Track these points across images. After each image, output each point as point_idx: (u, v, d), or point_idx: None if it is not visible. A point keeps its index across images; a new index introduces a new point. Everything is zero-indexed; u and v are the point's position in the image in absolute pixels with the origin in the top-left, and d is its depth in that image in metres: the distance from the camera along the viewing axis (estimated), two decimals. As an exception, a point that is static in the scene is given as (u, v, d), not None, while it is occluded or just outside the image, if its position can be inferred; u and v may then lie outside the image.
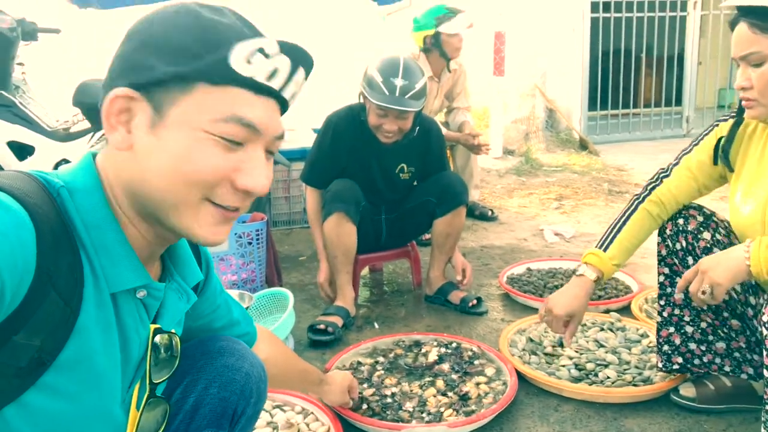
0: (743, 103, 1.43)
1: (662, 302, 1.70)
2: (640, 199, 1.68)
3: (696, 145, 1.64)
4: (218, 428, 0.97)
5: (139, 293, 0.78)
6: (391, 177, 2.49)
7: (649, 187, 1.68)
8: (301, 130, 3.82)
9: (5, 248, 0.59)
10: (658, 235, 1.68)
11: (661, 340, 1.72)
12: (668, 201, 1.64)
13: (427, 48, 3.49)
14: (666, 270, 1.68)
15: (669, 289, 1.68)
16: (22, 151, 3.24)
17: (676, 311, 1.68)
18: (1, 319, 0.61)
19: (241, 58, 0.70)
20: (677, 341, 1.69)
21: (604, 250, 1.66)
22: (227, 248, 2.54)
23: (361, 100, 2.37)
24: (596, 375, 1.85)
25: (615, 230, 1.68)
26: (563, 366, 1.91)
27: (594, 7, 6.37)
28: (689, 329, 1.67)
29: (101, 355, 0.73)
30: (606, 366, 1.89)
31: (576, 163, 5.55)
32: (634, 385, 1.78)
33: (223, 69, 0.70)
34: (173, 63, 0.70)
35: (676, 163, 1.66)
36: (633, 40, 6.48)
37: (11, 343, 0.63)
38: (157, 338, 0.81)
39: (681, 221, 1.61)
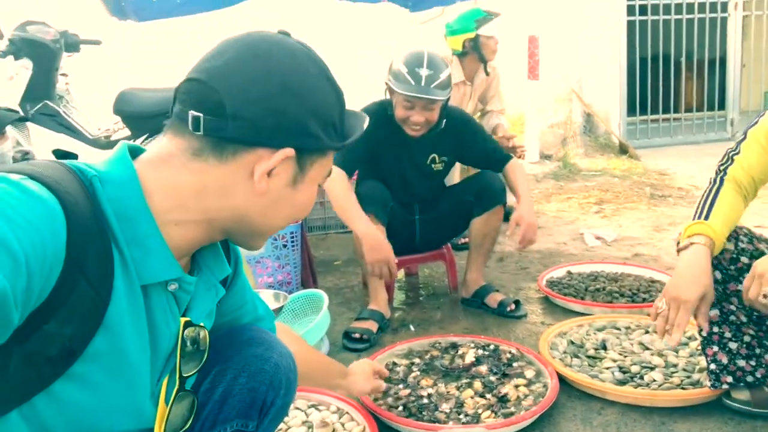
0: None
1: None
2: (718, 181, 1.54)
3: (762, 116, 1.54)
4: (247, 419, 0.96)
5: (170, 286, 0.78)
6: (422, 169, 2.46)
7: (722, 168, 1.55)
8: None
9: (35, 238, 0.58)
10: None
11: (708, 359, 1.62)
12: (744, 179, 1.52)
13: (465, 51, 3.46)
14: None
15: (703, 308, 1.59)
16: (65, 159, 3.33)
17: (715, 329, 1.58)
18: (32, 308, 0.60)
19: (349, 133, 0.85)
20: (724, 360, 1.58)
21: (706, 220, 1.47)
22: (263, 251, 2.54)
23: (388, 96, 2.36)
24: (642, 378, 1.77)
25: (708, 204, 1.50)
26: (607, 368, 1.83)
27: (630, 11, 6.25)
28: (733, 345, 1.57)
29: (131, 347, 0.73)
30: (652, 369, 1.80)
31: (616, 167, 5.43)
32: (683, 389, 1.70)
33: (344, 142, 0.84)
34: (329, 136, 0.81)
35: (743, 139, 1.55)
36: (672, 43, 6.33)
37: (42, 332, 0.63)
38: (187, 331, 0.80)
39: None
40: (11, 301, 0.55)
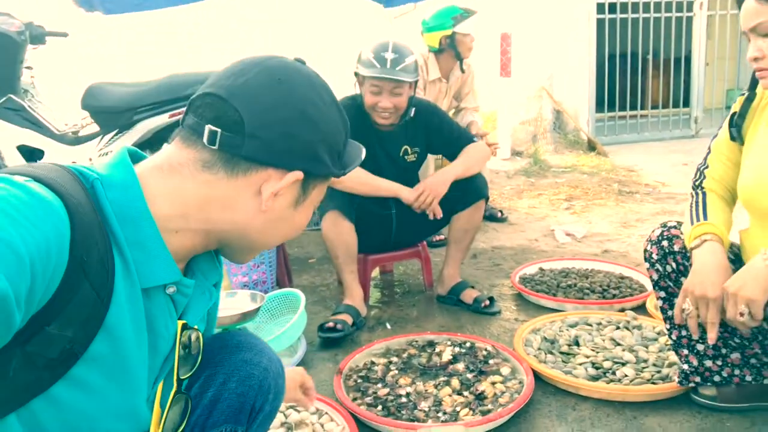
0: (757, 74, 1.41)
1: (668, 326, 1.67)
2: (700, 194, 1.57)
3: (720, 128, 1.61)
4: (236, 423, 0.97)
5: (168, 289, 0.79)
6: (395, 161, 2.49)
7: (697, 184, 1.61)
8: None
9: (39, 240, 0.58)
10: (646, 260, 1.65)
11: (680, 360, 1.67)
12: (720, 189, 1.57)
13: (441, 48, 3.48)
14: (662, 294, 1.65)
15: (670, 312, 1.63)
16: (31, 154, 3.24)
17: (683, 332, 1.63)
18: (35, 309, 0.60)
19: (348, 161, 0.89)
20: (695, 362, 1.64)
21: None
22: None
23: (357, 88, 2.39)
24: (614, 373, 1.82)
25: (702, 211, 1.51)
26: (580, 365, 1.88)
27: (600, 9, 6.35)
28: (700, 347, 1.62)
29: (130, 349, 0.73)
30: (623, 364, 1.85)
31: (585, 164, 5.52)
32: (653, 383, 1.75)
33: (345, 170, 0.88)
34: (333, 162, 0.85)
35: (708, 152, 1.62)
36: (639, 41, 6.46)
37: (44, 334, 0.63)
38: (183, 334, 0.80)
39: (665, 243, 1.58)
40: (13, 302, 0.54)
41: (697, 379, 1.65)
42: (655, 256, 1.61)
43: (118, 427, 0.76)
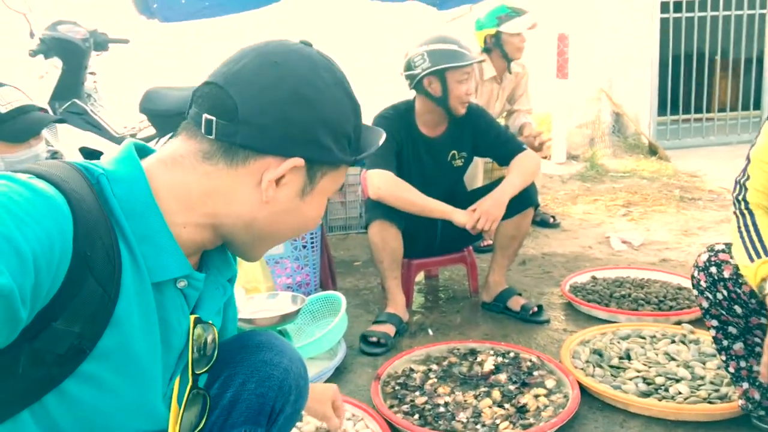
0: None
1: (723, 357, 1.56)
2: (746, 212, 1.45)
3: (759, 134, 1.48)
4: (255, 425, 0.95)
5: (179, 283, 0.77)
6: (443, 166, 2.44)
7: (739, 199, 1.48)
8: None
9: (41, 235, 0.58)
10: (694, 287, 1.53)
11: (740, 397, 1.55)
12: (765, 201, 1.44)
13: (488, 48, 3.41)
14: (714, 322, 1.53)
15: (725, 342, 1.53)
16: (91, 156, 3.37)
17: (742, 363, 1.52)
18: (41, 305, 0.60)
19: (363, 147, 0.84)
20: (756, 396, 1.52)
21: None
22: (282, 251, 2.54)
23: (426, 85, 2.29)
24: (666, 390, 1.71)
25: (757, 239, 1.38)
26: (630, 379, 1.78)
27: (664, 7, 6.09)
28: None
29: (141, 345, 0.72)
30: (677, 381, 1.75)
31: (645, 168, 5.30)
32: (710, 403, 1.64)
33: (357, 156, 0.82)
34: (341, 148, 0.79)
35: (748, 163, 1.48)
36: (706, 41, 6.15)
37: (51, 330, 0.63)
38: (197, 329, 0.79)
39: (714, 270, 1.47)
40: (18, 298, 0.54)
41: (762, 413, 1.53)
42: (703, 284, 1.50)
43: (134, 424, 0.75)
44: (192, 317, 0.78)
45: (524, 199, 2.32)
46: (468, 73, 2.30)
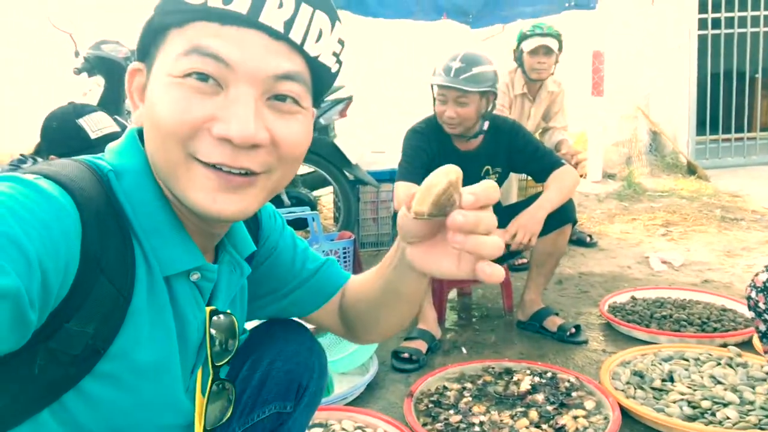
0: None
1: None
2: None
3: None
4: (285, 400, 0.97)
5: (192, 276, 0.75)
6: (477, 182, 2.36)
7: None
8: (391, 152, 3.81)
9: (46, 237, 0.56)
10: (751, 309, 1.45)
11: None
12: None
13: (517, 62, 3.41)
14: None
15: None
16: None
17: None
18: (52, 307, 0.59)
19: None
20: None
21: None
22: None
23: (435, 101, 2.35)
24: (713, 415, 1.64)
25: None
26: (674, 402, 1.71)
27: (702, 24, 5.99)
28: None
29: (157, 341, 0.71)
30: (725, 405, 1.67)
31: (684, 188, 5.18)
32: (761, 429, 1.56)
33: (175, 2, 0.64)
34: (154, 16, 0.67)
35: None
36: (747, 58, 6.02)
37: (64, 331, 0.62)
38: (214, 319, 0.77)
39: None
40: (26, 300, 0.52)
41: None
42: (762, 305, 1.43)
43: (158, 418, 0.75)
44: (208, 309, 0.76)
45: (562, 216, 2.26)
46: (443, 95, 2.25)
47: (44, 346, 0.61)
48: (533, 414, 1.69)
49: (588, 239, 3.66)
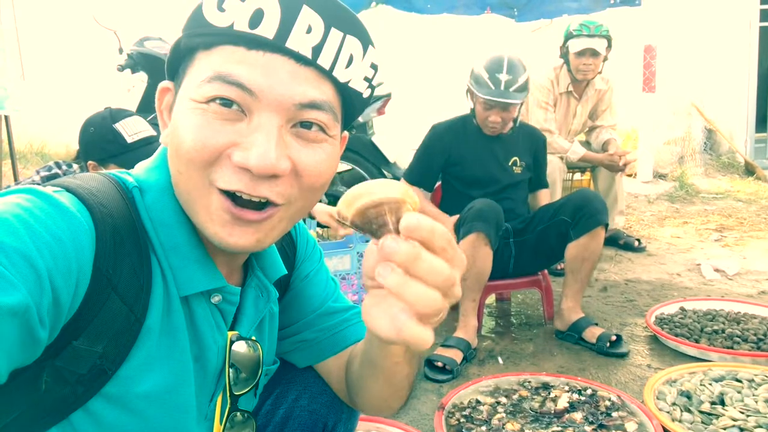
0: None
1: None
2: None
3: None
4: None
5: (213, 298, 0.72)
6: (505, 169, 2.54)
7: None
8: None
9: (58, 252, 0.55)
10: None
11: None
12: None
13: (563, 58, 3.29)
14: None
15: None
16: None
17: None
18: (61, 323, 0.57)
19: (212, 6, 0.62)
20: None
21: None
22: (349, 267, 2.50)
23: (468, 98, 2.50)
24: (769, 445, 1.52)
25: None
26: (724, 429, 1.60)
27: (764, 15, 5.68)
28: None
29: (170, 365, 0.68)
30: (782, 435, 1.55)
31: (741, 190, 4.93)
32: (822, 464, 1.43)
33: (201, 24, 0.63)
34: (182, 38, 0.66)
35: None
36: (814, 51, 5.68)
37: (72, 348, 0.60)
38: (236, 346, 0.74)
39: None
40: (36, 318, 0.51)
41: None
42: None
43: None
44: (229, 334, 0.73)
45: (590, 217, 2.17)
46: (490, 104, 2.37)
47: (51, 363, 0.59)
48: (570, 435, 1.61)
49: (636, 243, 3.51)
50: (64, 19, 5.27)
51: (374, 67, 0.69)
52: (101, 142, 1.90)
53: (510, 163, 2.52)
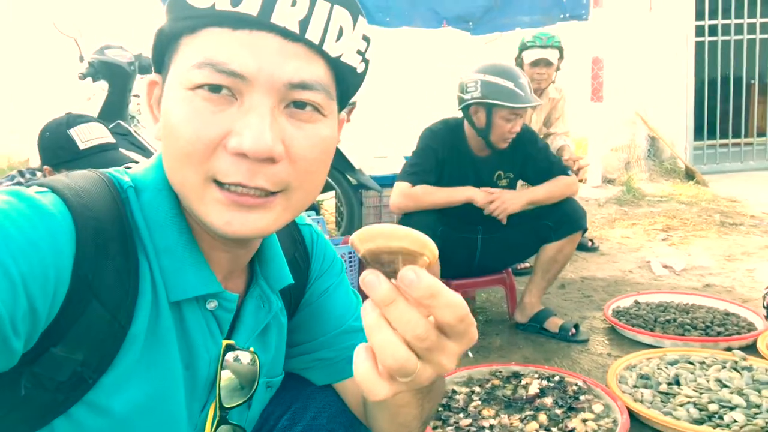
0: None
1: None
2: None
3: None
4: None
5: (209, 304, 0.68)
6: (487, 185, 2.38)
7: None
8: (394, 157, 3.84)
9: (34, 259, 0.53)
10: None
11: None
12: None
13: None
14: None
15: None
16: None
17: None
18: (39, 331, 0.55)
19: None
20: None
21: None
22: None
23: (472, 114, 2.29)
24: (721, 418, 1.66)
25: None
26: (681, 406, 1.73)
27: (699, 31, 6.05)
28: None
29: (157, 374, 0.65)
30: (732, 408, 1.69)
31: (683, 193, 5.22)
32: (768, 432, 1.58)
33: (183, 7, 0.59)
34: (165, 24, 0.62)
35: None
36: (744, 65, 6.08)
37: (50, 355, 0.58)
38: (230, 356, 0.71)
39: None
40: (8, 327, 0.50)
41: None
42: None
43: None
44: (224, 342, 0.70)
45: (572, 223, 2.29)
46: (518, 114, 2.24)
47: (29, 369, 0.57)
48: (542, 417, 1.71)
49: (589, 244, 3.68)
50: (23, 27, 5.15)
51: (366, 39, 0.65)
52: (55, 148, 1.90)
53: (494, 178, 2.42)
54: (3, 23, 5.27)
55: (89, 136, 1.92)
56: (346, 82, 0.65)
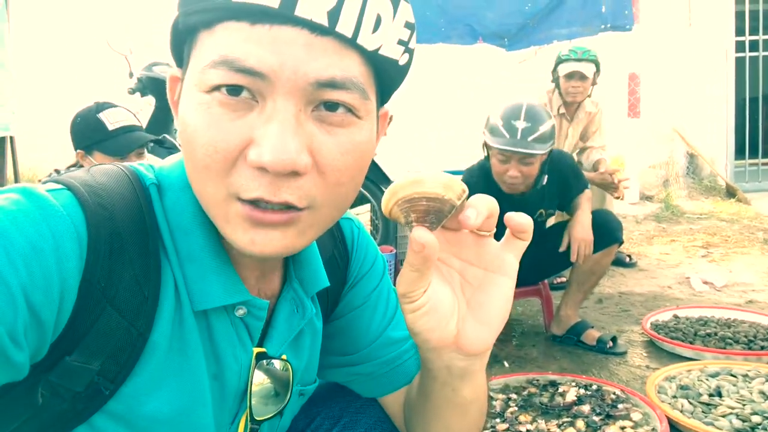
0: None
1: None
2: None
3: None
4: None
5: (238, 311, 0.64)
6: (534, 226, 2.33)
7: None
8: (429, 170, 3.87)
9: (36, 265, 0.49)
10: None
11: None
12: None
13: (555, 84, 3.46)
14: None
15: None
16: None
17: None
18: (48, 340, 0.52)
19: None
20: None
21: None
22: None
23: (484, 151, 2.27)
24: (765, 429, 1.63)
25: None
26: (722, 416, 1.70)
27: (739, 47, 5.97)
28: None
29: (181, 384, 0.61)
30: (776, 421, 1.66)
31: (723, 210, 5.12)
32: (814, 444, 1.55)
33: (198, 1, 0.52)
34: (178, 18, 0.55)
35: None
36: (786, 81, 5.97)
37: (64, 364, 0.54)
38: (262, 365, 0.67)
39: None
40: (7, 340, 0.47)
41: None
42: None
43: None
44: (255, 350, 0.66)
45: (609, 236, 2.29)
46: (508, 157, 2.11)
47: (45, 377, 0.55)
48: (580, 424, 1.70)
49: (627, 259, 3.65)
50: (77, 44, 5.41)
51: (409, 26, 0.56)
52: (86, 131, 2.11)
53: (536, 217, 2.31)
54: (60, 42, 5.53)
55: (116, 118, 2.13)
56: (387, 76, 0.58)
